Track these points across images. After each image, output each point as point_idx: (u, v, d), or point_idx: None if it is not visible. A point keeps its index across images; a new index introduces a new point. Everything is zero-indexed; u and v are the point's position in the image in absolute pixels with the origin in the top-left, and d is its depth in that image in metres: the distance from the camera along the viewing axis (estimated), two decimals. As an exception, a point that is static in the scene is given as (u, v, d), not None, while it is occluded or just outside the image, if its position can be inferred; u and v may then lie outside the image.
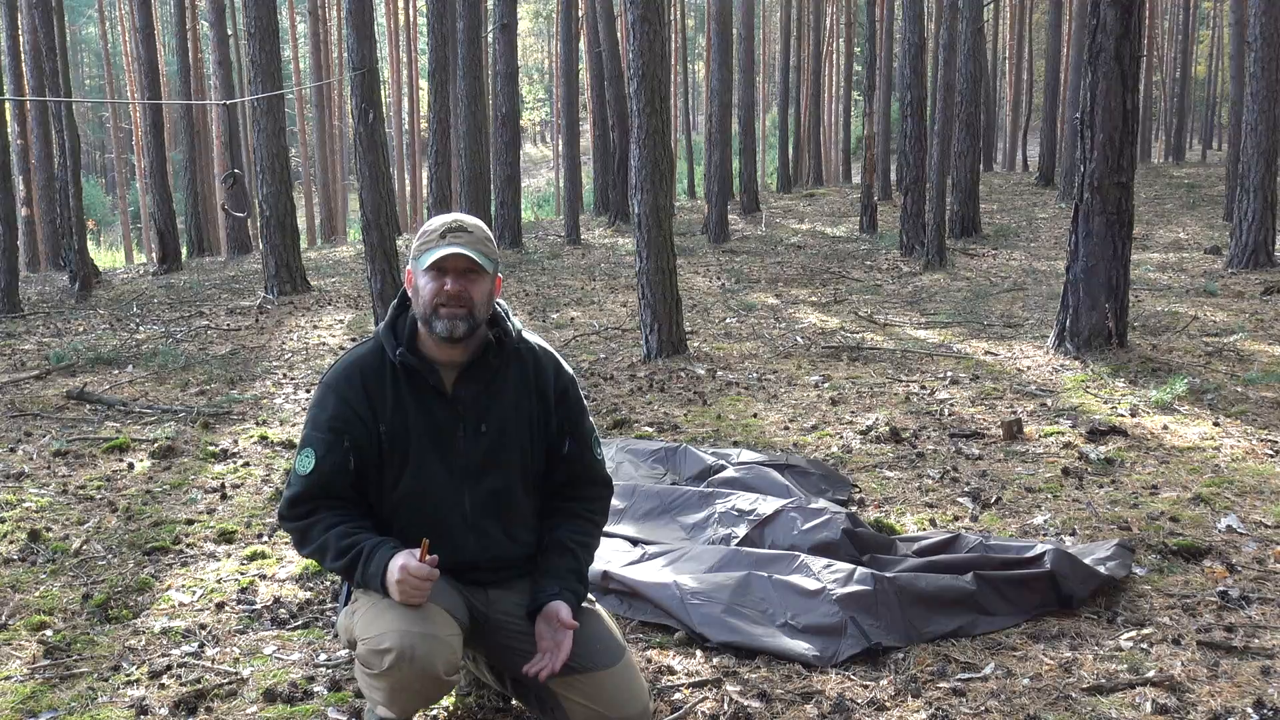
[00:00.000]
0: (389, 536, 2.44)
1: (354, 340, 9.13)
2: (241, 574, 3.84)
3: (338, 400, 2.46)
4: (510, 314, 2.58)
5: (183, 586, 3.74)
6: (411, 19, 33.76)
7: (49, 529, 4.31)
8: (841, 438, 5.45)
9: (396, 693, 2.29)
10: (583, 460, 2.63)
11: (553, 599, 2.46)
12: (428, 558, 2.28)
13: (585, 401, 2.70)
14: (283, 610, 3.51)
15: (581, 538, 2.61)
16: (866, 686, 2.86)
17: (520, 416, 2.55)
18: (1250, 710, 2.66)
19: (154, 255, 18.92)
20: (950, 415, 5.82)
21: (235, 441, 5.75)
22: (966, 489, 4.53)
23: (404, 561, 2.26)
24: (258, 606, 3.54)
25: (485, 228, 2.52)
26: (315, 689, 2.94)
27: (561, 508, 2.65)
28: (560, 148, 24.74)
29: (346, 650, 2.88)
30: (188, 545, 4.17)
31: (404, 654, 2.24)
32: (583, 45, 23.67)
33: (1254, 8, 10.86)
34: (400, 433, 2.46)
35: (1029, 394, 6.21)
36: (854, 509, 4.24)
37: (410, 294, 2.50)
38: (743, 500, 4.00)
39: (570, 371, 2.66)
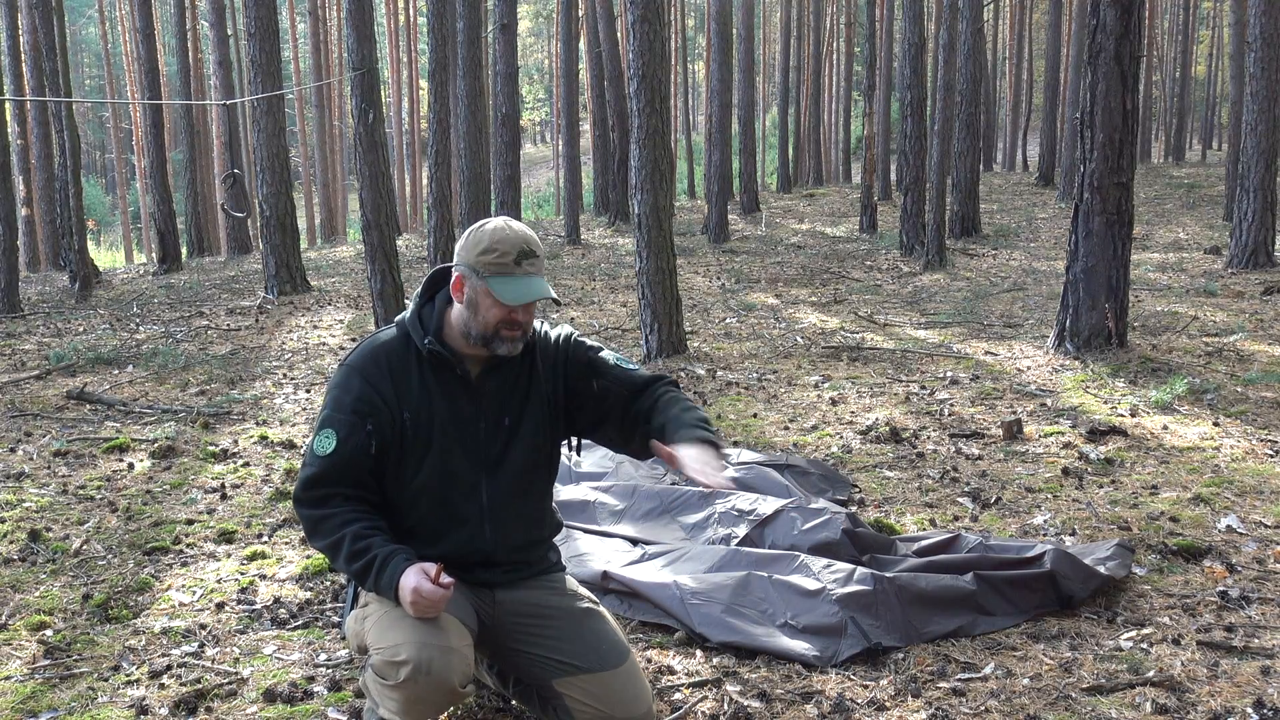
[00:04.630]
0: (402, 532, 2.43)
1: (354, 340, 9.13)
2: (241, 574, 3.84)
3: (362, 383, 2.43)
4: None
5: (183, 586, 3.74)
6: (411, 19, 33.74)
7: (49, 529, 4.31)
8: (841, 438, 5.45)
9: (412, 704, 2.29)
10: (622, 377, 2.55)
11: (700, 440, 2.33)
12: (442, 580, 2.24)
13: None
14: (283, 610, 3.51)
15: (686, 403, 2.50)
16: (866, 686, 2.86)
17: (539, 408, 2.55)
18: (1250, 710, 2.66)
19: (154, 255, 18.93)
20: (950, 415, 5.82)
21: (235, 441, 5.75)
22: (966, 489, 4.53)
23: (416, 584, 2.23)
24: (258, 606, 3.54)
25: (538, 239, 2.49)
26: (315, 689, 2.94)
27: (645, 410, 2.52)
28: (560, 148, 24.72)
29: (353, 653, 2.87)
30: (188, 545, 4.17)
31: (420, 667, 2.23)
32: (583, 45, 23.66)
33: (1254, 8, 10.86)
34: (424, 421, 2.45)
35: (1029, 394, 6.21)
36: (854, 509, 4.24)
37: (458, 298, 2.44)
38: (743, 500, 4.00)
39: (568, 328, 2.66)
